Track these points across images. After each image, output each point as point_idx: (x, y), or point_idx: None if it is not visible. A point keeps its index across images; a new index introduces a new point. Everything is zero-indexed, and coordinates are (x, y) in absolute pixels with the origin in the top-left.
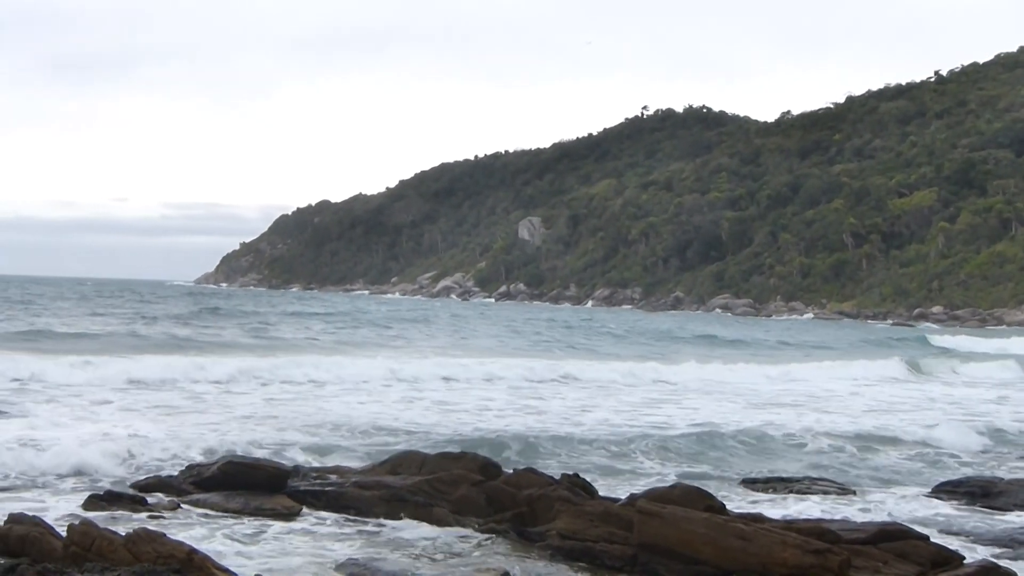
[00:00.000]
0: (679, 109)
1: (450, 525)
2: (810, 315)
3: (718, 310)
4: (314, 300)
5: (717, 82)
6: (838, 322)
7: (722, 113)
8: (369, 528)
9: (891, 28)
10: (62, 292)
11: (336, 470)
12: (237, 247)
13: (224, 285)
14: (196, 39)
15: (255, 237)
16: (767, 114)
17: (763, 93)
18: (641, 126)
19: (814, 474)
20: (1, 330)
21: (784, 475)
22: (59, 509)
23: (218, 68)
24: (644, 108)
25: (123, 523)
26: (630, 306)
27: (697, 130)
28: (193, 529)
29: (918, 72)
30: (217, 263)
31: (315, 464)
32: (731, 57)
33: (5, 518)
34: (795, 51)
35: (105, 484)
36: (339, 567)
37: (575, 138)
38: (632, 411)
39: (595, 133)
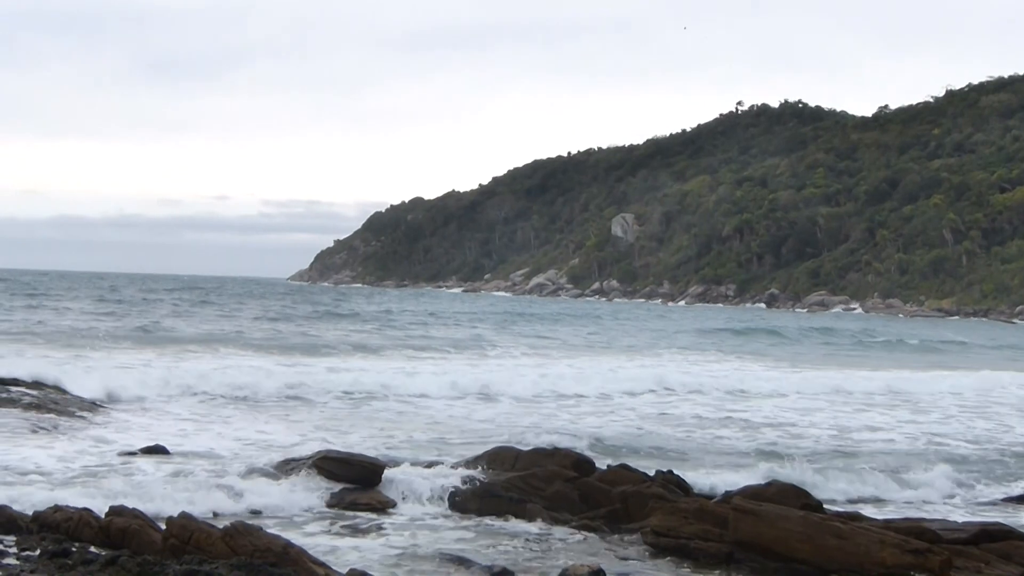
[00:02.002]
0: (774, 104)
1: (543, 521)
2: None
3: (815, 307)
4: (429, 297)
5: (813, 76)
6: (960, 320)
7: (818, 108)
8: (463, 523)
9: (992, 20)
10: (182, 292)
11: (431, 465)
12: (331, 244)
13: (324, 283)
14: (293, 38)
15: (349, 234)
16: (864, 108)
17: (860, 87)
18: (736, 122)
19: None
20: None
21: None
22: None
23: (315, 66)
24: (739, 103)
25: (220, 515)
26: (722, 303)
27: (793, 125)
28: (288, 522)
29: (1020, 65)
30: (311, 260)
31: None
32: (827, 51)
33: (107, 510)
34: (893, 44)
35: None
36: (434, 560)
37: (669, 134)
38: None
39: (689, 129)
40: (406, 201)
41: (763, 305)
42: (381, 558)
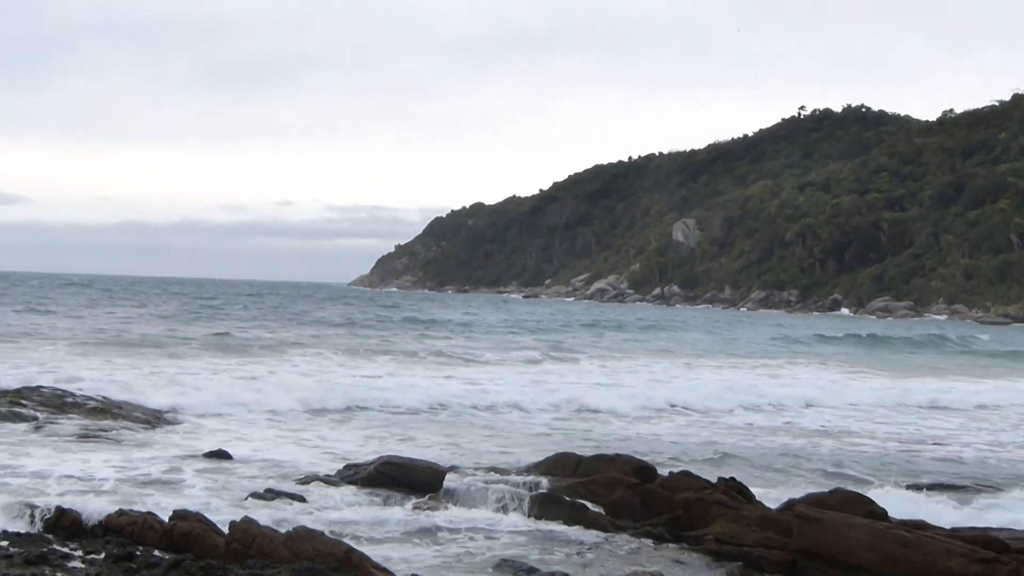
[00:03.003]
0: (837, 109)
1: (605, 527)
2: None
3: (879, 313)
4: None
5: (876, 81)
6: None
7: (881, 112)
8: (523, 528)
9: None
10: (263, 299)
11: (493, 470)
12: (392, 249)
13: (390, 288)
14: (356, 44)
15: (410, 240)
16: (929, 113)
17: (924, 91)
18: (798, 126)
19: None
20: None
21: None
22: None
23: (378, 72)
24: (801, 108)
25: (282, 520)
26: (782, 309)
27: (856, 130)
28: (349, 527)
29: None
30: (372, 266)
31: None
32: (891, 55)
33: (170, 514)
34: (958, 47)
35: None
36: (495, 567)
37: (730, 139)
38: None
39: (751, 134)
40: (467, 206)
41: (847, 311)
42: (442, 563)
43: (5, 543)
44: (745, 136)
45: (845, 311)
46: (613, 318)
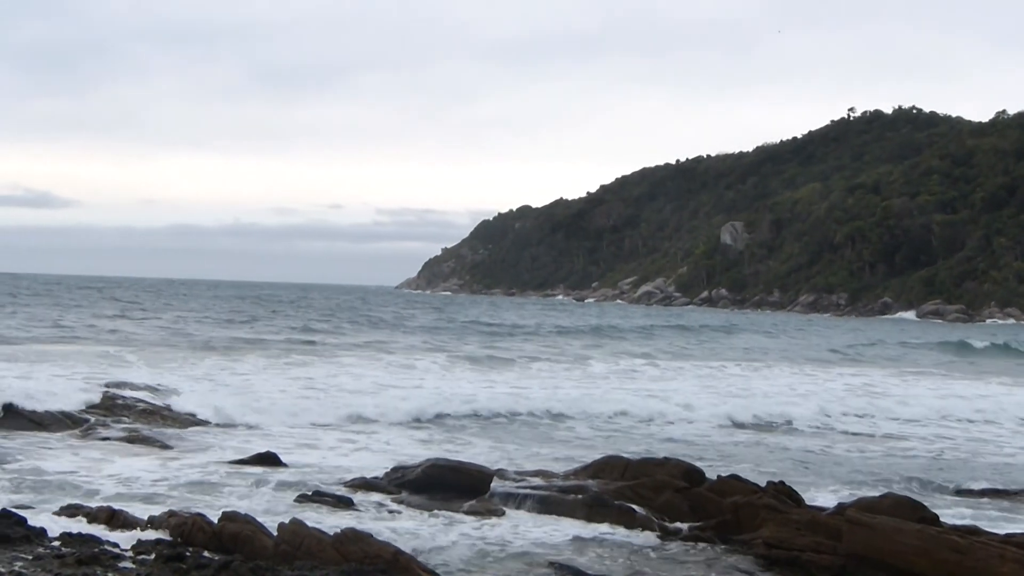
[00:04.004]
0: (887, 110)
1: (653, 531)
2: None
3: (930, 317)
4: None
5: (927, 82)
6: None
7: (932, 114)
8: (571, 532)
9: None
10: (328, 303)
11: (539, 474)
12: (439, 252)
13: (442, 292)
14: (404, 48)
15: (457, 243)
16: (981, 114)
17: (976, 92)
18: (847, 128)
19: None
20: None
21: None
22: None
23: (426, 76)
24: (851, 110)
25: (330, 522)
26: (830, 313)
27: (906, 131)
28: (397, 530)
29: None
30: (419, 269)
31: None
32: (942, 55)
33: (219, 515)
34: (1010, 47)
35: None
36: (542, 570)
37: (779, 141)
38: None
39: (799, 136)
40: (514, 209)
41: (912, 316)
42: (489, 567)
43: (58, 543)
44: (794, 138)
45: (907, 314)
46: (693, 321)
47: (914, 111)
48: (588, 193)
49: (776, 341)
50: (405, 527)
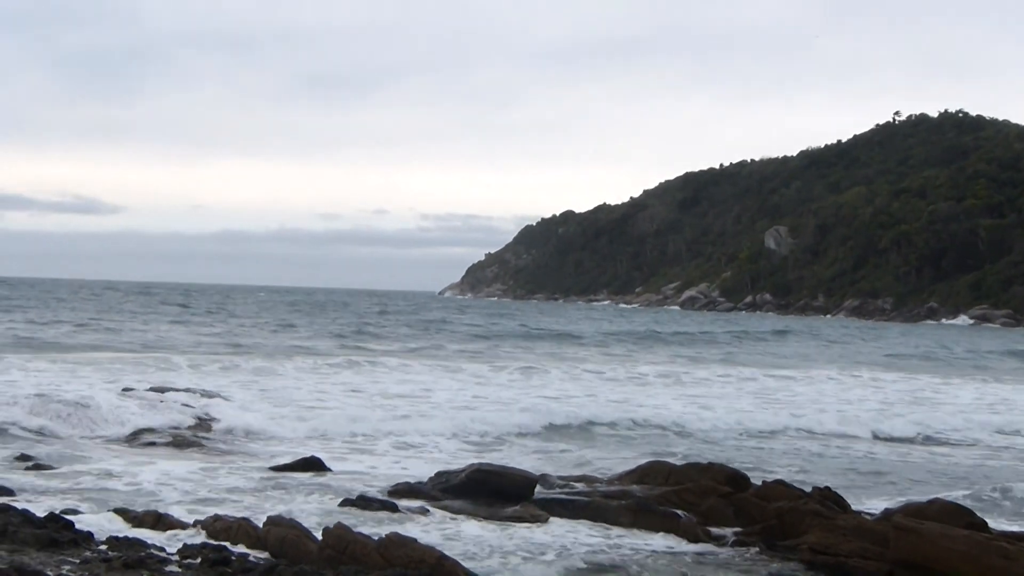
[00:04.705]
0: (933, 114)
1: (697, 537)
2: None
3: (977, 322)
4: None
5: (974, 85)
6: None
7: (979, 117)
8: (615, 538)
9: None
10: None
11: (583, 479)
12: (482, 258)
13: (491, 297)
14: (447, 52)
15: (500, 248)
16: None
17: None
18: (893, 132)
19: None
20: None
21: None
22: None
23: (470, 80)
24: (896, 113)
25: (374, 527)
26: (875, 318)
27: (952, 135)
28: (442, 534)
29: None
30: (462, 274)
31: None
32: (989, 58)
33: (264, 519)
34: None
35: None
36: (587, 573)
37: (823, 145)
38: None
39: (844, 140)
40: (557, 214)
41: (962, 321)
42: (533, 571)
43: (104, 547)
44: (838, 142)
45: (957, 320)
46: (751, 327)
47: (960, 114)
48: (631, 198)
49: (849, 347)
50: (449, 532)
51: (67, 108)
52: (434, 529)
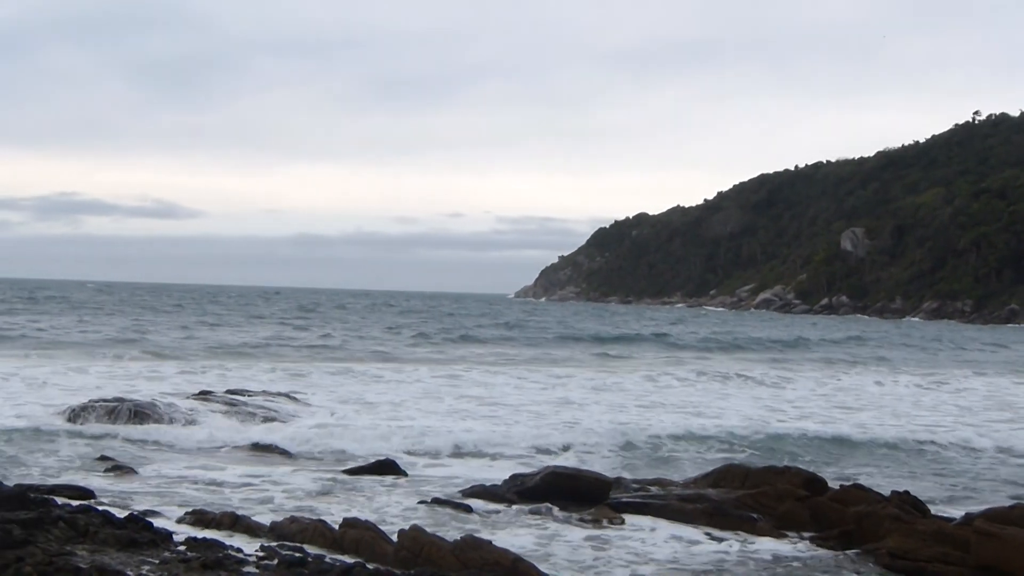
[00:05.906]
0: (1014, 113)
1: (774, 539)
2: None
3: None
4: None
5: None
6: None
7: None
8: (692, 541)
9: None
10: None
11: (658, 482)
12: (555, 260)
13: (570, 300)
14: (522, 56)
15: (573, 250)
16: None
17: None
18: (972, 132)
19: None
20: None
21: None
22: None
23: (544, 83)
24: (975, 113)
25: (449, 530)
26: (954, 320)
27: None
28: (517, 537)
29: None
30: (536, 277)
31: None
32: None
33: (340, 521)
34: None
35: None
36: None
37: (900, 146)
38: None
39: (922, 140)
40: (630, 217)
41: (1007, 323)
42: (607, 575)
43: (183, 548)
44: (916, 142)
45: None
46: (856, 331)
47: None
48: (705, 200)
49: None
50: (524, 534)
51: (146, 115)
52: (509, 532)
